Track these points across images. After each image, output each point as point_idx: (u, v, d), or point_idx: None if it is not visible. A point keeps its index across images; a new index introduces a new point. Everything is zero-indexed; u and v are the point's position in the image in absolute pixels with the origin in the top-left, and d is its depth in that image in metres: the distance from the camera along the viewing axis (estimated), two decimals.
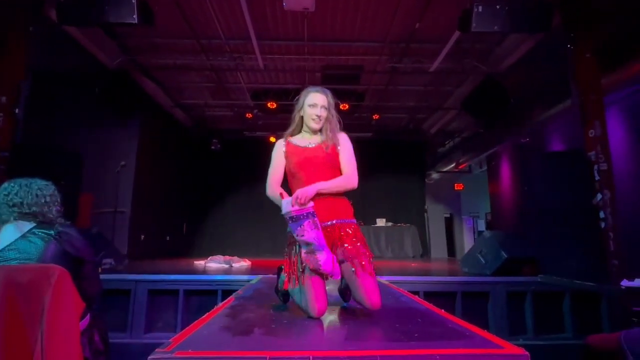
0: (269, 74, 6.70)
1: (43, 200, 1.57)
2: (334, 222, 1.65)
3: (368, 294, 1.51)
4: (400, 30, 5.32)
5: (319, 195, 1.60)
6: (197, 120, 8.84)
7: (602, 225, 3.40)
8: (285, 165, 1.75)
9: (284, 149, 1.77)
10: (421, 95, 7.47)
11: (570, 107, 4.51)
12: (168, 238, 8.03)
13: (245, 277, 3.46)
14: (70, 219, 1.71)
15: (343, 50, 5.89)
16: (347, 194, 1.75)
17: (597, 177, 3.50)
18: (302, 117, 1.78)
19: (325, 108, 1.75)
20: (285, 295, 1.81)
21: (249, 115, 8.26)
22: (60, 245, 1.48)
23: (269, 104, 7.49)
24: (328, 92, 1.80)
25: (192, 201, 9.32)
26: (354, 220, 1.71)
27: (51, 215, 1.57)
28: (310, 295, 1.51)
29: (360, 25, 5.26)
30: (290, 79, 6.95)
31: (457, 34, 4.94)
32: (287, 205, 1.50)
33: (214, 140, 8.87)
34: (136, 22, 3.73)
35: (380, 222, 8.59)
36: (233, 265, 4.98)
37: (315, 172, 1.66)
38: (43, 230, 1.49)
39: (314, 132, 1.77)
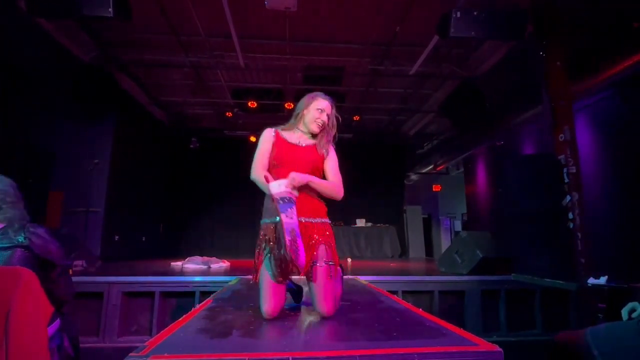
0: (250, 73, 6.64)
1: None
2: (310, 219, 1.65)
3: (321, 302, 1.53)
4: (382, 33, 5.39)
5: (301, 189, 1.59)
6: (176, 118, 8.64)
7: (571, 225, 3.55)
8: (269, 155, 1.74)
9: (273, 138, 1.76)
10: (401, 98, 7.59)
11: (542, 112, 4.69)
12: (144, 239, 7.80)
13: (223, 278, 3.41)
14: (38, 219, 1.64)
15: (325, 51, 5.91)
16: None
17: (566, 180, 3.65)
18: (303, 117, 1.78)
19: (329, 117, 1.78)
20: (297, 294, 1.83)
21: (229, 114, 8.15)
22: (30, 248, 1.41)
23: (249, 103, 7.42)
24: (332, 100, 1.83)
25: (170, 201, 9.09)
26: (328, 221, 1.73)
27: (9, 215, 1.48)
28: (263, 295, 1.53)
29: (342, 26, 5.29)
30: (272, 79, 6.91)
31: (436, 38, 5.05)
32: (279, 185, 1.48)
33: (193, 139, 8.70)
34: (111, 15, 3.61)
35: (360, 223, 8.66)
36: (211, 266, 4.89)
37: (297, 169, 1.64)
38: (14, 232, 1.41)
39: (311, 134, 1.79)
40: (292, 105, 7.43)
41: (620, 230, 4.33)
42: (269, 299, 1.52)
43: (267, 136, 1.77)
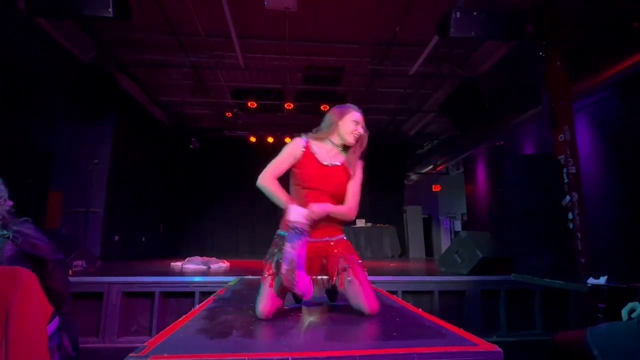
0: (249, 73, 6.64)
1: None
2: (325, 239, 1.69)
3: (365, 300, 1.56)
4: (382, 33, 5.39)
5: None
6: (176, 118, 8.64)
7: (571, 225, 3.56)
8: (294, 167, 1.72)
9: (302, 152, 1.71)
10: (401, 98, 7.59)
11: (542, 112, 4.70)
12: (144, 239, 7.80)
13: (223, 278, 3.41)
14: (38, 219, 1.63)
15: (325, 51, 5.91)
16: None
17: (566, 180, 3.66)
18: (337, 128, 1.76)
19: (363, 130, 1.77)
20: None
21: (228, 115, 8.15)
22: (18, 246, 1.40)
23: (249, 103, 7.43)
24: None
25: (170, 201, 9.09)
26: (343, 236, 1.75)
27: (0, 213, 1.47)
28: (262, 296, 1.55)
29: (342, 26, 5.29)
30: (271, 79, 6.91)
31: (436, 38, 5.05)
32: (299, 215, 1.50)
33: (193, 139, 8.70)
34: (111, 15, 3.60)
35: (360, 223, 8.65)
36: (211, 266, 4.89)
37: (322, 195, 1.66)
38: None
39: (344, 146, 1.77)
40: (292, 106, 7.45)
41: (620, 230, 4.33)
42: (266, 301, 1.54)
43: (296, 148, 1.71)
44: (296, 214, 1.49)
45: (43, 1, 3.63)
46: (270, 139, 8.89)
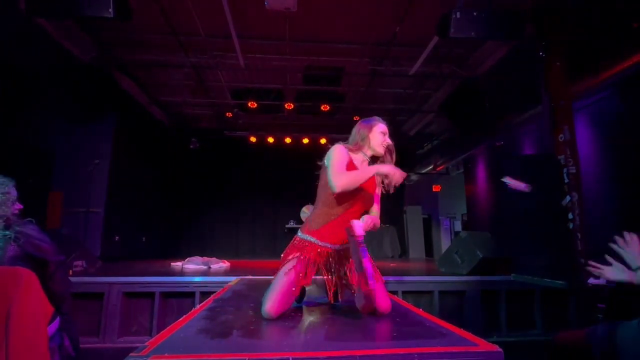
0: (249, 73, 6.64)
1: None
2: (347, 245, 1.74)
3: (380, 300, 1.58)
4: (382, 33, 5.39)
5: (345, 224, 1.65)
6: (176, 118, 8.65)
7: (571, 225, 3.56)
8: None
9: (348, 157, 1.75)
10: (401, 98, 7.59)
11: (542, 112, 4.69)
12: (144, 239, 7.80)
13: (224, 278, 3.41)
14: (38, 219, 1.64)
15: (325, 51, 5.91)
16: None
17: (566, 180, 3.66)
18: (369, 140, 1.82)
19: (390, 141, 1.85)
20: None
21: (229, 115, 8.15)
22: (20, 246, 1.40)
23: (249, 104, 7.43)
24: None
25: (170, 201, 9.09)
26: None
27: (5, 214, 1.48)
28: (273, 295, 1.55)
29: (342, 26, 5.29)
30: (272, 79, 6.91)
31: (435, 38, 5.05)
32: (360, 228, 1.56)
33: (193, 139, 8.70)
34: (112, 16, 3.60)
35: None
36: (211, 266, 4.89)
37: (358, 202, 1.75)
38: (0, 232, 1.41)
39: (375, 157, 1.84)
40: (292, 106, 7.45)
41: (620, 230, 4.32)
42: (278, 301, 1.54)
43: (345, 153, 1.74)
44: (358, 227, 1.55)
45: (43, 1, 3.63)
46: (270, 139, 8.89)
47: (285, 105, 7.44)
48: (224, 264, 5.12)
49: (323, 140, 8.72)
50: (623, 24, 3.79)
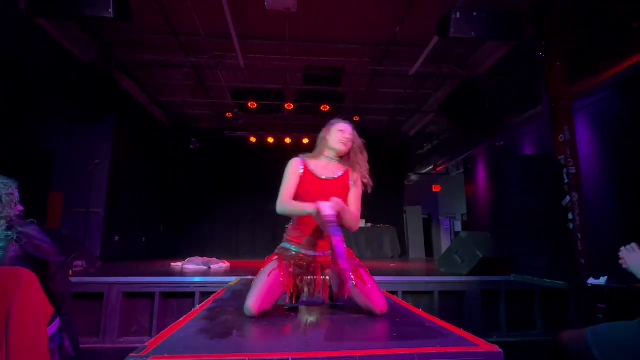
0: (249, 73, 6.64)
1: None
2: (328, 252, 1.74)
3: (373, 302, 1.58)
4: (382, 33, 5.39)
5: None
6: (176, 118, 8.64)
7: (571, 226, 3.55)
8: (296, 187, 1.76)
9: (301, 171, 1.77)
10: (401, 98, 7.59)
11: (542, 112, 4.69)
12: (144, 239, 7.80)
13: (224, 278, 3.41)
14: (38, 219, 1.64)
15: (325, 51, 5.91)
16: None
17: (566, 180, 3.66)
18: (326, 141, 1.82)
19: (352, 137, 1.83)
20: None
21: (229, 115, 8.15)
22: (21, 247, 1.41)
23: (249, 104, 7.43)
24: (354, 129, 1.89)
25: (170, 201, 9.09)
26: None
27: (8, 215, 1.49)
28: (255, 292, 1.56)
29: (342, 26, 5.29)
30: (272, 79, 6.91)
31: (435, 38, 5.05)
32: (328, 208, 1.52)
33: (193, 140, 8.70)
34: (112, 16, 3.60)
35: (360, 223, 8.63)
36: (211, 266, 4.89)
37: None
38: (2, 232, 1.42)
39: (339, 156, 1.82)
40: (292, 106, 7.45)
41: (620, 230, 4.32)
42: (259, 299, 1.55)
43: (295, 168, 1.78)
44: (327, 207, 1.51)
45: (43, 1, 3.63)
46: (270, 140, 8.89)
47: (285, 106, 7.44)
48: (224, 264, 5.12)
49: None
50: (623, 24, 3.79)
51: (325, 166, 1.81)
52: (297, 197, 1.73)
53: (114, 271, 3.95)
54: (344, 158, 1.84)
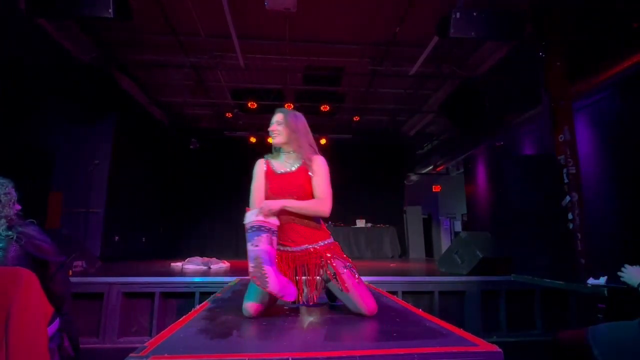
0: (249, 74, 6.64)
1: None
2: (308, 247, 1.67)
3: (361, 304, 1.56)
4: (382, 33, 5.39)
5: (291, 219, 1.64)
6: (176, 118, 8.65)
7: (571, 226, 3.56)
8: (264, 187, 1.76)
9: (264, 168, 1.79)
10: (401, 98, 7.59)
11: (542, 112, 4.70)
12: (144, 239, 7.80)
13: (223, 279, 3.41)
14: (38, 219, 1.64)
15: (325, 51, 5.91)
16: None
17: (566, 180, 3.66)
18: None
19: (279, 123, 1.78)
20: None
21: (229, 115, 8.15)
22: (21, 247, 1.41)
23: (249, 104, 7.43)
24: (290, 111, 1.84)
25: (170, 201, 9.09)
26: (330, 240, 1.74)
27: (7, 215, 1.49)
28: (249, 293, 1.56)
29: (342, 26, 5.29)
30: (272, 79, 6.92)
31: (435, 38, 5.05)
32: (251, 215, 1.51)
33: (193, 140, 8.70)
34: (112, 16, 3.60)
35: (360, 223, 8.65)
36: (211, 266, 4.89)
37: (285, 198, 1.66)
38: (2, 232, 1.42)
39: (282, 148, 1.80)
40: (292, 106, 7.45)
41: (620, 230, 4.32)
42: (257, 298, 1.54)
43: (259, 169, 1.79)
44: (250, 215, 1.52)
45: (44, 2, 3.63)
46: (270, 140, 8.85)
47: (285, 106, 7.44)
48: (224, 265, 5.12)
49: (323, 141, 8.71)
50: (623, 24, 3.79)
51: (282, 162, 1.80)
52: (268, 197, 1.71)
53: (114, 271, 3.95)
54: (292, 146, 1.78)
